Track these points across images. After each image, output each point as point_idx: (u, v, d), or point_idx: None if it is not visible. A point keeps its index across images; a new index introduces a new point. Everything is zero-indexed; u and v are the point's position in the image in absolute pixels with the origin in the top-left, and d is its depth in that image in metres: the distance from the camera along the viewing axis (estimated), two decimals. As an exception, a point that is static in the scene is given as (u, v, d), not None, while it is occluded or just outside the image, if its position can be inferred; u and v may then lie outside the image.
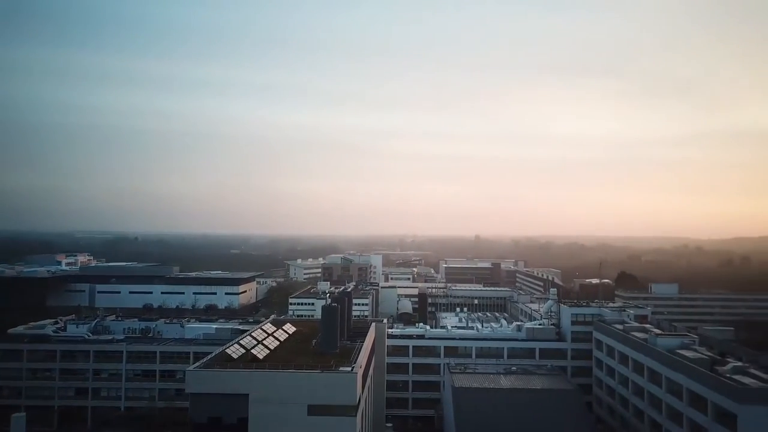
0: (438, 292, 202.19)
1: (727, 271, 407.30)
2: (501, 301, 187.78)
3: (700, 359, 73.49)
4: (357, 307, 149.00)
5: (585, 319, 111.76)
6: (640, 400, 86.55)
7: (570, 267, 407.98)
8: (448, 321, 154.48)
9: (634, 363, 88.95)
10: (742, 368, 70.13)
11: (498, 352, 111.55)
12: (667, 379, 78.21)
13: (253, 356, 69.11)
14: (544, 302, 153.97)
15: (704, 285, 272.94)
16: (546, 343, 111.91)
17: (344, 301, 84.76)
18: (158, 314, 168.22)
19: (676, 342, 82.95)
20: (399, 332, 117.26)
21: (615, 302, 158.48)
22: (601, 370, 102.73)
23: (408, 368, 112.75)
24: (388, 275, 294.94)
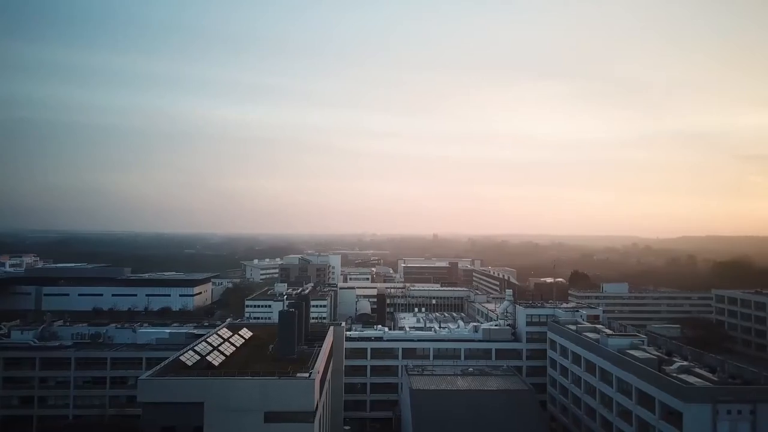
0: (397, 293, 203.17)
1: (674, 270, 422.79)
2: (458, 301, 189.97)
3: (648, 359, 75.93)
4: (315, 309, 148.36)
5: (540, 320, 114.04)
6: (592, 399, 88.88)
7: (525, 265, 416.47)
8: (407, 322, 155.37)
9: (587, 363, 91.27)
10: (687, 367, 72.83)
11: (455, 353, 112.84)
12: (617, 378, 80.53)
13: (208, 363, 67.77)
14: (500, 302, 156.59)
15: (653, 283, 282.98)
16: (502, 344, 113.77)
17: (302, 305, 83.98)
18: (109, 317, 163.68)
19: (626, 342, 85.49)
20: (357, 335, 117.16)
21: (569, 302, 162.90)
22: (555, 369, 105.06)
23: (366, 370, 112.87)
24: (347, 275, 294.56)
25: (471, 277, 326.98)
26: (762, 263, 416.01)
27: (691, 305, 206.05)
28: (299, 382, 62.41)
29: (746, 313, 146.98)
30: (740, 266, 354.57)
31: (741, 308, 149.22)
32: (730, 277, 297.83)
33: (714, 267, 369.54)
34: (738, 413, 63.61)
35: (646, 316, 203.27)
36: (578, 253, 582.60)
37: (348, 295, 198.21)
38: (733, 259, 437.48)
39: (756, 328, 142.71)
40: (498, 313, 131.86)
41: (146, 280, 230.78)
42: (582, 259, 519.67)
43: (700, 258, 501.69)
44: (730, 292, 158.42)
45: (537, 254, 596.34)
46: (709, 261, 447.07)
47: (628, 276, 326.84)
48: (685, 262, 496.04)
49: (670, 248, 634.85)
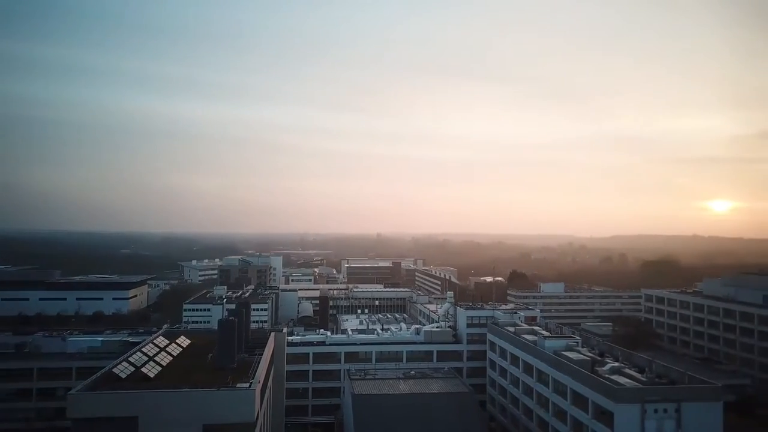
0: (340, 294, 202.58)
1: (607, 268, 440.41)
2: (401, 302, 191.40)
3: (582, 361, 78.73)
4: (256, 313, 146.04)
5: (480, 321, 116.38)
6: (529, 399, 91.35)
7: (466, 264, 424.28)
8: (350, 324, 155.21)
9: (525, 364, 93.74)
10: (618, 368, 75.94)
11: (398, 355, 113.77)
12: (553, 379, 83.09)
13: (143, 375, 65.49)
14: (442, 302, 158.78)
15: (587, 281, 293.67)
16: (443, 346, 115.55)
17: (242, 313, 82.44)
18: (36, 323, 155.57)
19: (561, 344, 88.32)
20: (299, 339, 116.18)
21: (508, 303, 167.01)
22: (494, 370, 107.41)
23: (308, 375, 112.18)
24: (289, 277, 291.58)
25: (414, 276, 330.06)
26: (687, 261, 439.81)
27: (623, 304, 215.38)
28: (239, 393, 61.17)
29: (672, 312, 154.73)
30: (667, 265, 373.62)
31: (667, 307, 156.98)
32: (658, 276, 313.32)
33: (643, 266, 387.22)
34: (664, 412, 66.79)
35: (580, 314, 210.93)
36: (517, 252, 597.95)
37: (290, 298, 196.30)
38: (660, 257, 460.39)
39: (681, 326, 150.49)
40: (439, 314, 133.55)
41: (77, 282, 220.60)
42: (521, 257, 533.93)
43: (630, 257, 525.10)
44: (657, 292, 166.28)
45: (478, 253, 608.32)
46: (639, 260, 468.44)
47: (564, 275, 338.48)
48: (617, 260, 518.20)
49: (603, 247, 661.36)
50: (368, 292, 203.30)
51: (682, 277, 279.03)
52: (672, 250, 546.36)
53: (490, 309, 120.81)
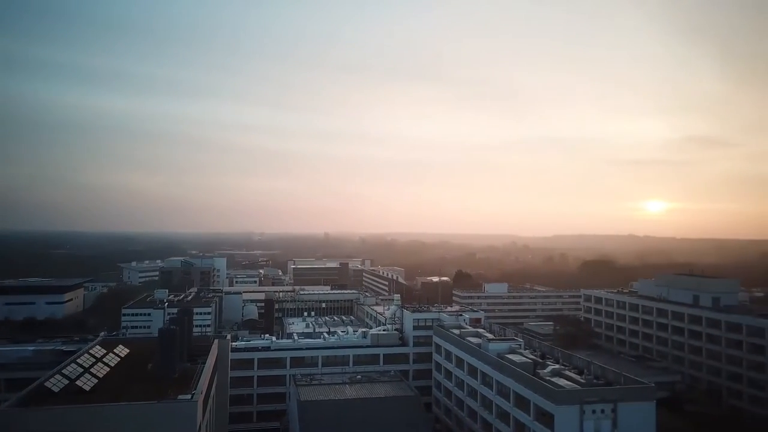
0: (286, 297, 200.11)
1: (548, 267, 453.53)
2: (348, 304, 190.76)
3: (524, 363, 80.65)
4: (198, 317, 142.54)
5: (426, 324, 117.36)
6: (474, 401, 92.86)
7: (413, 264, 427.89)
8: (296, 327, 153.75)
9: (469, 366, 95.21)
10: (558, 370, 78.23)
11: (344, 359, 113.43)
12: (497, 382, 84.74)
13: (78, 388, 62.67)
14: (389, 303, 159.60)
15: (530, 280, 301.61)
16: (390, 349, 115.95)
17: (183, 320, 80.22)
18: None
19: (504, 347, 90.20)
20: (244, 345, 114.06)
21: (453, 304, 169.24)
22: (440, 372, 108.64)
23: (253, 381, 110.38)
24: (233, 278, 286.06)
25: (361, 277, 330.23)
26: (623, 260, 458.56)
27: (563, 303, 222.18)
28: (181, 405, 59.37)
29: (609, 311, 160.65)
30: (605, 264, 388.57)
31: (605, 306, 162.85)
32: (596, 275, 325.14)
33: (583, 265, 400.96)
34: (601, 412, 69.21)
35: (523, 314, 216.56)
36: (462, 252, 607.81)
37: (234, 301, 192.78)
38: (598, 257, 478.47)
39: (617, 324, 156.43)
40: (386, 317, 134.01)
41: (6, 286, 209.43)
42: (466, 257, 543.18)
43: (571, 256, 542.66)
44: (596, 292, 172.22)
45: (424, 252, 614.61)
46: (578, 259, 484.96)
47: (508, 274, 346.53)
48: (558, 260, 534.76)
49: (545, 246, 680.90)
50: (315, 294, 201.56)
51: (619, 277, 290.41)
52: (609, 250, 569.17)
53: (436, 311, 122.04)
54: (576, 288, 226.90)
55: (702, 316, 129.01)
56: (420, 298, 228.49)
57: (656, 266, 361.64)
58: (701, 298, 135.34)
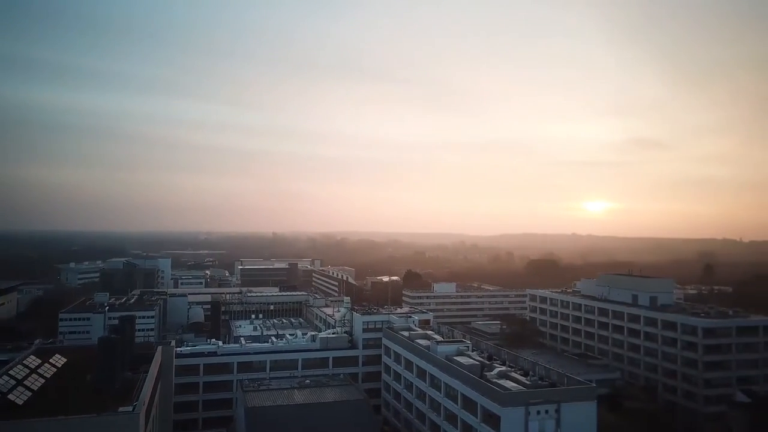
0: (233, 299, 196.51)
1: (495, 266, 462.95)
2: (297, 306, 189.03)
3: (472, 365, 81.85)
4: (142, 321, 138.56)
5: (375, 326, 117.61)
6: (422, 404, 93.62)
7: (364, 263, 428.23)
8: (243, 330, 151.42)
9: (418, 369, 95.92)
10: (505, 372, 79.81)
11: (293, 363, 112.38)
12: (445, 384, 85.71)
13: (10, 403, 59.61)
14: (339, 304, 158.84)
15: (478, 279, 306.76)
16: (339, 352, 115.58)
17: (125, 328, 77.59)
18: None
19: (452, 349, 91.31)
20: (189, 350, 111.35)
21: (403, 305, 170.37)
22: (389, 375, 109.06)
23: (199, 387, 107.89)
24: (179, 280, 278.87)
25: (311, 278, 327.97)
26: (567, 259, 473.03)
27: (510, 302, 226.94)
28: (122, 418, 57.27)
29: (554, 311, 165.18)
30: (549, 263, 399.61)
31: (549, 306, 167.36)
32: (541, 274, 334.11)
33: (528, 264, 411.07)
34: (546, 413, 71.04)
35: (471, 313, 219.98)
36: (412, 251, 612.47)
37: (179, 303, 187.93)
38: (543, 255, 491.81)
39: (561, 324, 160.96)
40: (336, 319, 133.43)
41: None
42: (415, 256, 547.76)
43: (517, 255, 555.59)
44: (541, 292, 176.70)
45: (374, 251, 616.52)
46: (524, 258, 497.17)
47: (457, 273, 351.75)
48: (505, 258, 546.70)
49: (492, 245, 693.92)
50: (263, 296, 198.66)
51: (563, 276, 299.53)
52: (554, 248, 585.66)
53: (386, 313, 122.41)
54: (522, 287, 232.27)
55: (640, 315, 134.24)
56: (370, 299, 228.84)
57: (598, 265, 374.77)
58: (640, 298, 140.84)
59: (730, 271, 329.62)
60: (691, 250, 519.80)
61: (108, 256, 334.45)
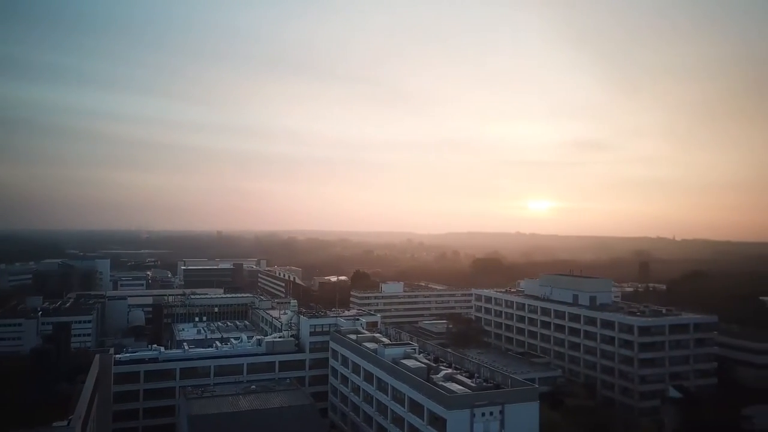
0: (175, 301, 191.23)
1: (442, 264, 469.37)
2: (242, 308, 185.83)
3: (418, 368, 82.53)
4: (78, 326, 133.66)
5: (323, 330, 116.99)
6: (369, 407, 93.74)
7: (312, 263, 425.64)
8: (186, 334, 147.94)
9: (365, 372, 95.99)
10: (451, 375, 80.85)
11: (238, 368, 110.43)
12: (392, 387, 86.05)
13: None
14: (285, 306, 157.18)
15: (425, 278, 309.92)
16: (286, 356, 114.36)
17: (60, 337, 74.36)
18: None
19: (399, 352, 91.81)
20: (129, 357, 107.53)
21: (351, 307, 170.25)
22: (336, 378, 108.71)
23: (139, 395, 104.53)
24: (118, 281, 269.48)
25: (257, 278, 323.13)
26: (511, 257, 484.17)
27: (456, 301, 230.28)
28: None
29: (498, 310, 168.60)
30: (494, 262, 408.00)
31: (494, 306, 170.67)
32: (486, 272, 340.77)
33: (474, 262, 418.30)
34: (490, 414, 72.36)
35: (418, 312, 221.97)
36: (360, 249, 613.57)
37: (119, 306, 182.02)
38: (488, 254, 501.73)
39: (505, 323, 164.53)
40: (283, 323, 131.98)
41: None
42: (364, 255, 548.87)
43: (463, 253, 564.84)
44: (486, 292, 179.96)
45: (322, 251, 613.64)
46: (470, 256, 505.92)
47: (405, 272, 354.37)
48: (451, 256, 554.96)
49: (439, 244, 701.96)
50: (207, 298, 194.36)
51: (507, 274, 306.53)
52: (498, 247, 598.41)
53: (333, 316, 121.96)
54: (468, 286, 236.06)
55: (580, 314, 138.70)
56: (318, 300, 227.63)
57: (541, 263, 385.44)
58: (580, 297, 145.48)
59: (663, 268, 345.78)
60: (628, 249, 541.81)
61: (42, 257, 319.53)
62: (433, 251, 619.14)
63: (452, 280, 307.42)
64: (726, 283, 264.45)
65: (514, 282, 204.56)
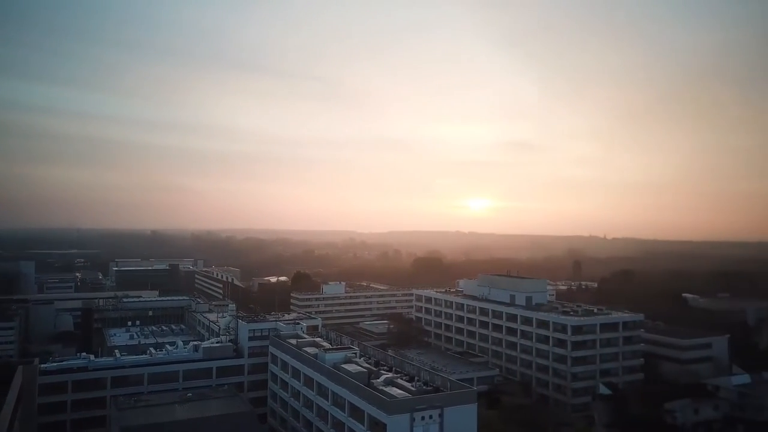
0: (107, 304, 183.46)
1: (384, 263, 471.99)
2: (179, 311, 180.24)
3: (359, 373, 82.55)
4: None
5: (262, 334, 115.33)
6: (309, 412, 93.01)
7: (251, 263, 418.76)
8: (118, 339, 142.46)
9: (305, 377, 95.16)
10: (391, 379, 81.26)
11: (173, 376, 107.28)
12: (332, 392, 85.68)
13: None
14: (224, 309, 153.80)
15: (367, 277, 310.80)
16: (224, 361, 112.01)
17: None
18: None
19: (340, 356, 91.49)
20: (56, 367, 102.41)
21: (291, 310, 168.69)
22: (276, 383, 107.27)
23: (66, 406, 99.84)
24: (44, 284, 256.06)
25: (194, 280, 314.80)
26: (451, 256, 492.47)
27: (397, 301, 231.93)
28: (-28, 455, 51.80)
29: (438, 310, 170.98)
30: (434, 261, 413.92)
31: (434, 306, 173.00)
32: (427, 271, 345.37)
33: (415, 261, 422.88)
34: (430, 418, 73.20)
35: (360, 313, 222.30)
36: (302, 249, 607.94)
37: (44, 311, 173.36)
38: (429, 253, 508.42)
39: (445, 323, 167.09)
40: (221, 327, 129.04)
41: None
42: (305, 254, 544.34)
43: (404, 252, 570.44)
44: (426, 292, 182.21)
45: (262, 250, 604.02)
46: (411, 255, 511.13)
47: (346, 272, 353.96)
48: (393, 255, 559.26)
49: (381, 243, 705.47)
50: (141, 301, 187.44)
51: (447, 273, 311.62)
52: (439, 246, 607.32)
53: (273, 320, 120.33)
54: (410, 285, 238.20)
55: (517, 314, 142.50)
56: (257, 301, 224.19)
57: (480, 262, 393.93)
58: (516, 297, 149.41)
59: (595, 266, 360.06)
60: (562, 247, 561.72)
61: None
62: (375, 250, 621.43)
63: (394, 279, 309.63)
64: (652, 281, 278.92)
65: (454, 281, 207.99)
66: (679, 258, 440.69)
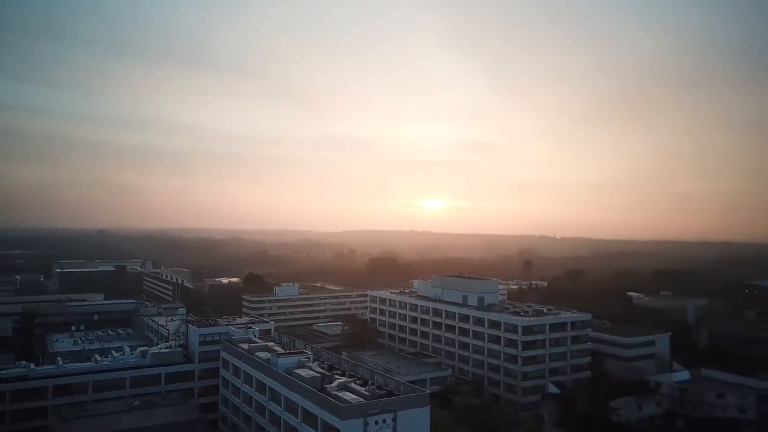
0: (49, 309, 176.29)
1: (339, 263, 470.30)
2: (125, 315, 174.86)
3: (312, 378, 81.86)
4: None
5: (213, 339, 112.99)
6: (262, 418, 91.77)
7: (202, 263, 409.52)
8: (61, 345, 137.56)
9: (258, 383, 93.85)
10: (345, 384, 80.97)
11: (120, 383, 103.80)
12: (285, 398, 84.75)
13: None
14: (173, 312, 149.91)
15: (322, 278, 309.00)
16: (173, 367, 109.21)
17: None
18: None
19: (293, 361, 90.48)
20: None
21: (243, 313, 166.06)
22: (228, 389, 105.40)
23: (5, 418, 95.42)
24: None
25: (142, 282, 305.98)
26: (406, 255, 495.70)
27: (351, 302, 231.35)
28: None
29: (392, 311, 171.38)
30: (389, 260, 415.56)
31: (388, 307, 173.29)
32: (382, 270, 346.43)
33: (370, 261, 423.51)
34: (383, 422, 73.25)
35: (314, 315, 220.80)
36: (255, 249, 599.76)
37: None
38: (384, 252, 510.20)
39: (398, 324, 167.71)
40: (169, 330, 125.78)
41: None
42: (258, 255, 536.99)
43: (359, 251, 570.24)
44: (380, 293, 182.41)
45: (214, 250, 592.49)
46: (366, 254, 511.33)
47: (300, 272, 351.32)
48: (348, 255, 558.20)
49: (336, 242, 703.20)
50: (86, 305, 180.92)
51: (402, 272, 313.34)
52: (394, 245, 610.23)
53: (225, 324, 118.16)
54: (364, 286, 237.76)
55: (469, 314, 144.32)
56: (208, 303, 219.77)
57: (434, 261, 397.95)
58: (469, 298, 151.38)
59: (545, 266, 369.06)
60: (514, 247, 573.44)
61: None
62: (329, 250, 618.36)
63: (349, 279, 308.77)
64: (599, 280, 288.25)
65: (408, 281, 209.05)
66: (625, 257, 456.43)
